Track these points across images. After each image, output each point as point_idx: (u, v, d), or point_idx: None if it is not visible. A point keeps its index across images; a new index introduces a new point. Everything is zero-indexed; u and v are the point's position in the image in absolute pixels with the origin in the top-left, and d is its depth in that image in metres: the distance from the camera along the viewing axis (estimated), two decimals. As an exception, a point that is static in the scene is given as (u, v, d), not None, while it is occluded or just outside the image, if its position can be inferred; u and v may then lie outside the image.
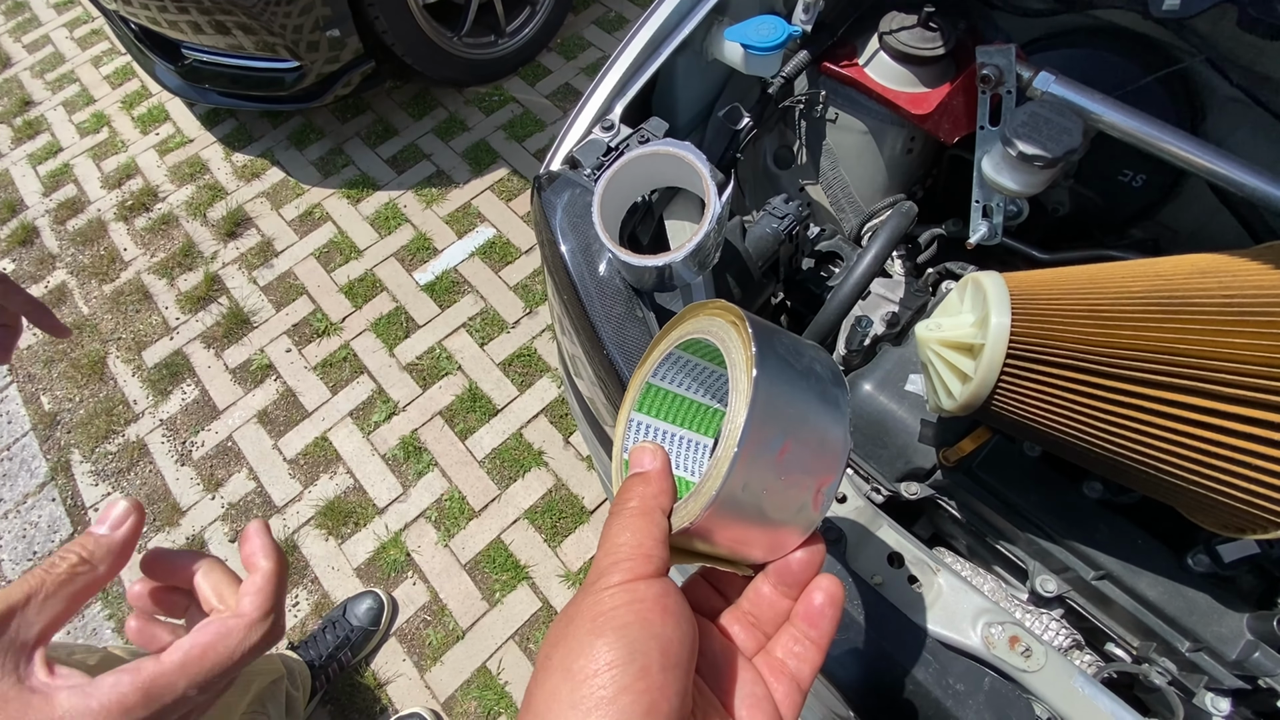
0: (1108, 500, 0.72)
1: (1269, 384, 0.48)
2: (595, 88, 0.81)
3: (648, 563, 0.30)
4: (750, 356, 0.31)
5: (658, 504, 0.33)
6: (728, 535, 0.33)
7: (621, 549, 0.31)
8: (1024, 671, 0.57)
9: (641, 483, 0.34)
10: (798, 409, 0.32)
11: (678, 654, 0.28)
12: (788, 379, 0.32)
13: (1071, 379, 0.53)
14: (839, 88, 0.94)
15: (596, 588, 0.30)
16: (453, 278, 2.11)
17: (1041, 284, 0.56)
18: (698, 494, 0.32)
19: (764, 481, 0.31)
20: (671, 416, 0.42)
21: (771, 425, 0.31)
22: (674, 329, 0.39)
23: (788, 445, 0.32)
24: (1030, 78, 0.73)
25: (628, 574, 0.30)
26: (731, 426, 0.31)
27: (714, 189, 0.61)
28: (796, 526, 0.34)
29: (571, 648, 0.28)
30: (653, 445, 0.36)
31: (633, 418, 0.40)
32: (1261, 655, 0.63)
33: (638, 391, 0.40)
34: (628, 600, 0.29)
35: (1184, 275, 0.53)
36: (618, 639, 0.27)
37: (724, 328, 0.35)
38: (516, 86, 2.51)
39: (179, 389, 2.02)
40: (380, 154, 2.41)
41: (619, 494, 0.34)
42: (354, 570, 1.71)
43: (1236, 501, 0.52)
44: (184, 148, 2.54)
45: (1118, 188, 0.90)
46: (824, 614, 0.34)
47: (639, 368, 0.40)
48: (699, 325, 0.36)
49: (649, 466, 0.35)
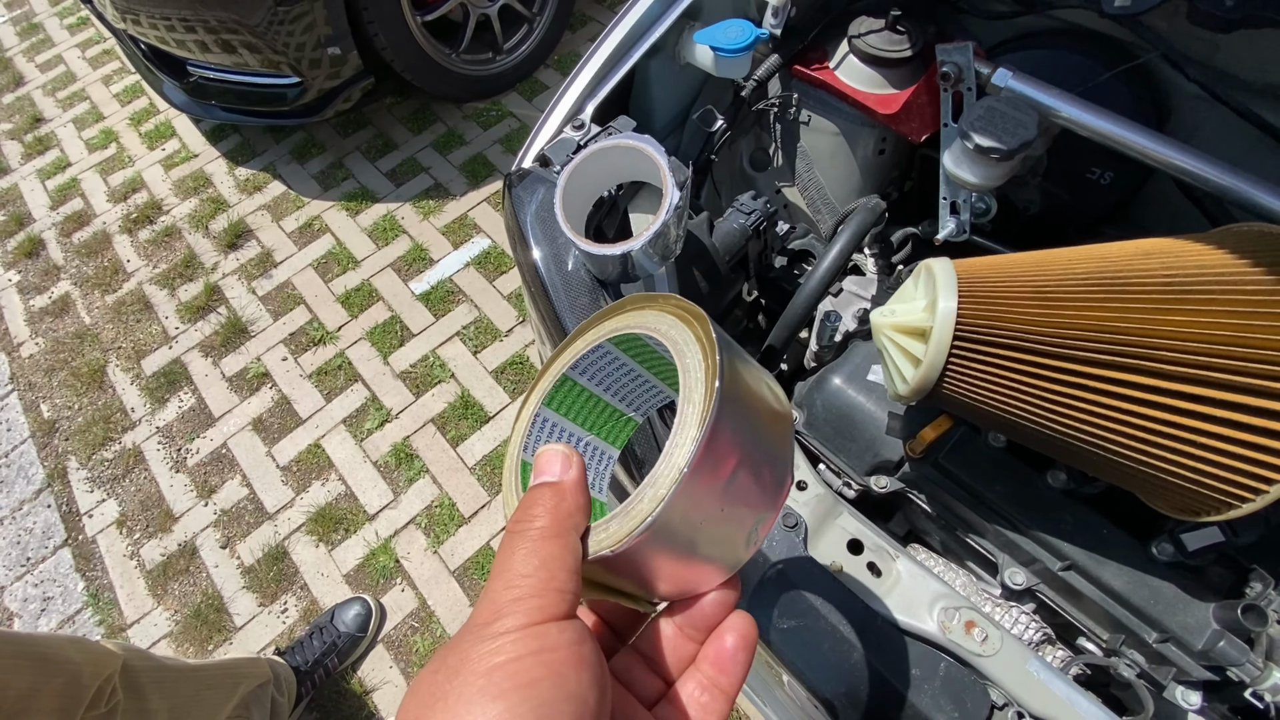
0: (1072, 490, 0.71)
1: (1209, 361, 0.48)
2: (567, 88, 0.83)
3: (559, 600, 0.25)
4: (712, 365, 0.27)
5: (572, 524, 0.27)
6: (647, 568, 0.28)
7: (526, 582, 0.25)
8: (979, 656, 0.57)
9: (554, 495, 0.28)
10: (753, 434, 0.29)
11: (595, 716, 0.23)
12: (747, 398, 0.29)
13: (1018, 359, 0.53)
14: (810, 90, 0.96)
15: (493, 631, 0.24)
16: (448, 287, 2.13)
17: (990, 268, 0.57)
18: (624, 515, 0.27)
19: (706, 510, 0.27)
20: (581, 418, 0.37)
21: (726, 447, 0.27)
22: (608, 318, 0.34)
23: (737, 472, 0.28)
24: (988, 75, 0.74)
25: (535, 614, 0.24)
26: (680, 440, 0.27)
27: (671, 178, 0.62)
28: (722, 564, 0.30)
29: (456, 712, 0.21)
30: (565, 448, 0.30)
31: (539, 413, 0.34)
32: (1227, 645, 0.63)
33: (550, 383, 0.34)
34: (535, 649, 0.23)
35: (1127, 257, 0.54)
36: (522, 701, 0.22)
37: (677, 327, 0.31)
38: (514, 101, 2.56)
39: (176, 397, 2.05)
40: (380, 167, 2.45)
41: (523, 507, 0.28)
42: (343, 576, 1.71)
43: (1184, 480, 0.52)
44: (189, 162, 2.60)
45: (1087, 185, 0.91)
46: (735, 659, 0.29)
47: (554, 357, 0.35)
48: (643, 320, 0.32)
49: (562, 476, 0.29)
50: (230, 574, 1.75)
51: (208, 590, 1.74)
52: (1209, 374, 0.48)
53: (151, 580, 1.78)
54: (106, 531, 1.86)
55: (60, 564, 1.82)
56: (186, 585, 1.76)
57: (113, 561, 1.81)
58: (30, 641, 0.87)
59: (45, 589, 1.79)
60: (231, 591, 1.73)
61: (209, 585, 1.74)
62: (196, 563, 1.78)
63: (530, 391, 0.35)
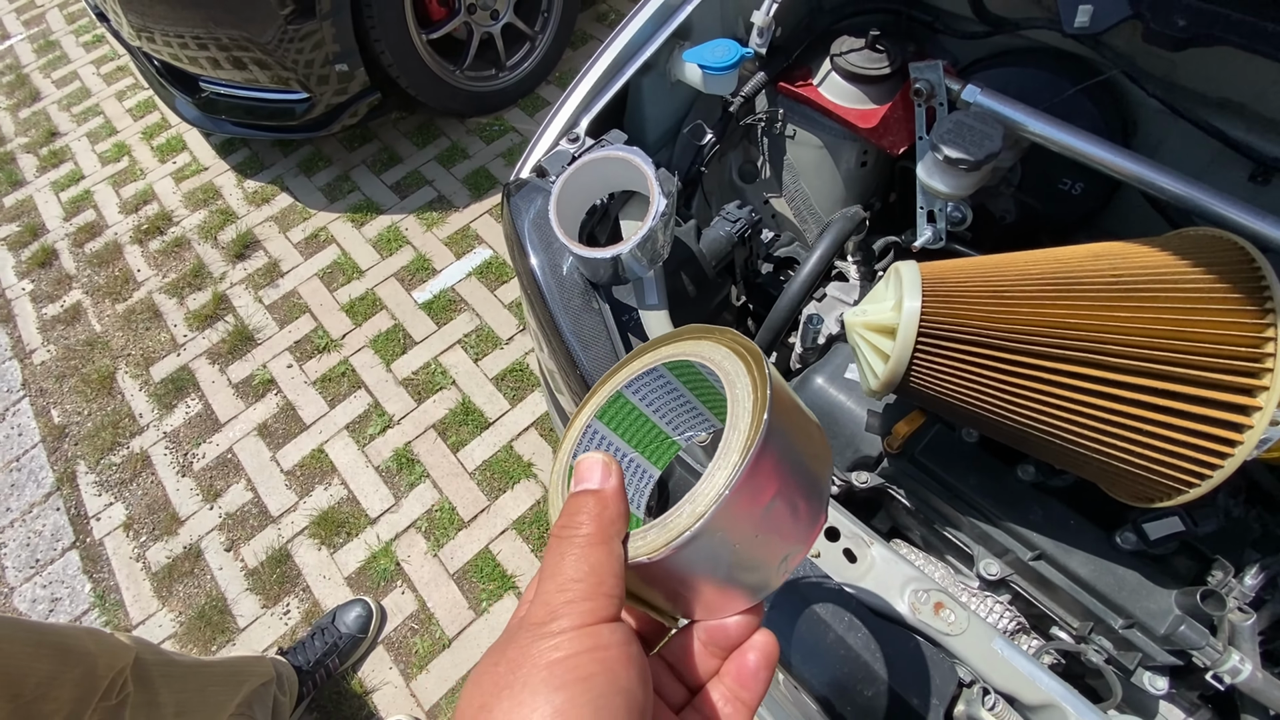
0: (1041, 483, 0.75)
1: (1151, 354, 0.52)
2: (563, 103, 0.88)
3: (609, 603, 0.26)
4: (763, 398, 0.29)
5: (615, 530, 0.29)
6: (679, 582, 0.29)
7: (578, 587, 0.26)
8: (947, 635, 0.60)
9: (597, 503, 0.29)
10: (793, 467, 0.30)
11: (641, 711, 0.25)
12: (791, 432, 0.30)
13: (977, 354, 0.57)
14: (795, 106, 1.01)
15: (549, 630, 0.25)
16: (450, 296, 2.18)
17: (953, 270, 0.61)
18: (662, 527, 0.28)
19: (741, 532, 0.28)
20: (629, 435, 0.38)
21: (767, 474, 0.28)
22: (664, 345, 0.35)
23: (775, 501, 0.29)
24: (959, 90, 0.79)
25: (588, 616, 0.26)
26: (723, 464, 0.28)
27: (657, 186, 0.67)
28: (750, 590, 0.31)
29: (522, 700, 0.23)
30: (605, 456, 0.31)
31: (591, 424, 0.36)
32: (1188, 629, 0.66)
33: (604, 398, 0.36)
34: (590, 647, 0.25)
35: (1079, 259, 0.58)
36: (581, 693, 0.23)
37: (731, 359, 0.32)
38: (516, 117, 2.62)
39: (183, 403, 2.09)
40: (384, 180, 2.51)
41: (567, 511, 0.29)
42: (345, 579, 1.74)
43: (1134, 467, 0.55)
44: (199, 175, 2.66)
45: (1059, 196, 0.95)
46: (757, 676, 0.31)
47: (610, 375, 0.36)
48: (698, 349, 0.33)
49: (603, 485, 0.30)
50: (234, 576, 1.78)
51: (212, 592, 1.77)
52: (1151, 366, 0.52)
53: (157, 582, 1.81)
54: (114, 534, 1.89)
55: (68, 566, 1.86)
56: (191, 587, 1.79)
57: (119, 563, 1.85)
58: (51, 631, 0.91)
59: (53, 590, 1.82)
60: (235, 593, 1.76)
61: (213, 587, 1.77)
62: (201, 565, 1.81)
63: (584, 403, 0.36)
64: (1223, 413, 0.51)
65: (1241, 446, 0.50)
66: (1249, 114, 0.79)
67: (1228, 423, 0.51)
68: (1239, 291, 0.52)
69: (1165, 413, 0.52)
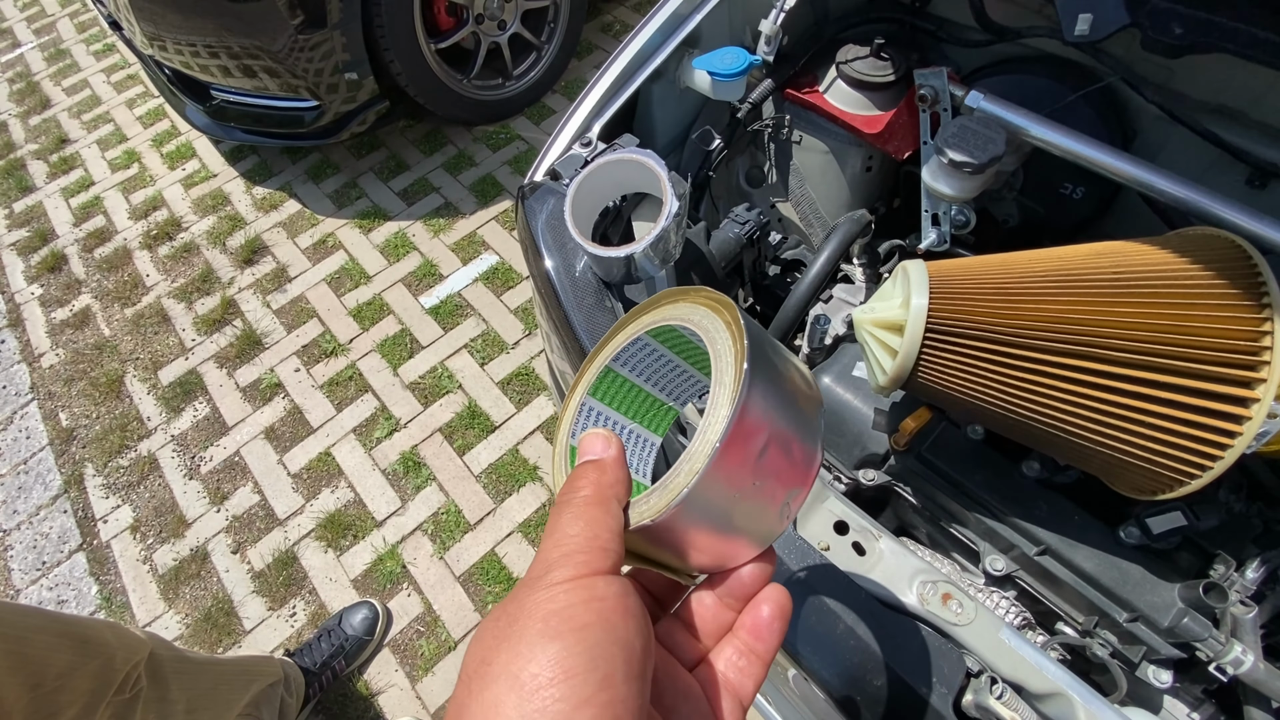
0: (1046, 479, 0.76)
1: (1151, 348, 0.54)
2: (575, 109, 0.90)
3: (604, 556, 0.27)
4: (742, 348, 0.29)
5: (613, 494, 0.29)
6: (686, 539, 0.30)
7: (574, 540, 0.27)
8: (955, 625, 0.61)
9: (596, 470, 0.30)
10: (781, 412, 0.30)
11: (641, 662, 0.25)
12: (774, 379, 0.30)
13: (983, 349, 0.59)
14: (801, 112, 1.03)
15: (546, 582, 0.26)
16: (456, 301, 2.20)
17: (959, 268, 0.63)
18: (663, 489, 0.29)
19: (739, 483, 0.29)
20: (624, 407, 0.39)
21: (756, 423, 0.29)
22: (645, 313, 0.36)
23: (768, 448, 0.29)
24: (962, 96, 0.81)
25: (583, 568, 0.26)
26: (713, 419, 0.29)
27: (670, 188, 0.69)
28: (756, 537, 0.32)
29: (519, 651, 0.24)
30: (605, 432, 0.32)
31: (585, 402, 0.37)
32: (1191, 621, 0.67)
33: (594, 375, 0.36)
34: (585, 598, 0.25)
35: (1082, 257, 0.60)
36: (577, 643, 0.24)
37: (708, 317, 0.32)
38: (522, 125, 2.65)
39: (191, 406, 2.11)
40: (392, 187, 2.54)
41: (569, 481, 0.30)
42: (351, 581, 1.75)
43: (1135, 460, 0.57)
44: (208, 182, 2.69)
45: (1060, 200, 0.97)
46: (771, 627, 0.32)
47: (597, 350, 0.37)
48: (678, 312, 0.34)
49: (603, 454, 0.31)
50: (240, 578, 1.79)
51: (218, 594, 1.78)
52: (1152, 360, 0.53)
53: (163, 584, 1.82)
54: (120, 537, 1.90)
55: (75, 568, 1.86)
56: (197, 589, 1.80)
57: (126, 566, 1.85)
58: (74, 623, 0.92)
59: (60, 592, 1.83)
60: (241, 595, 1.76)
61: (219, 589, 1.78)
62: (208, 567, 1.82)
63: (576, 382, 0.37)
64: (1221, 405, 0.53)
65: (1240, 438, 0.52)
66: (1245, 120, 0.81)
67: (1226, 414, 0.53)
68: (1237, 288, 0.53)
69: (1166, 405, 0.54)
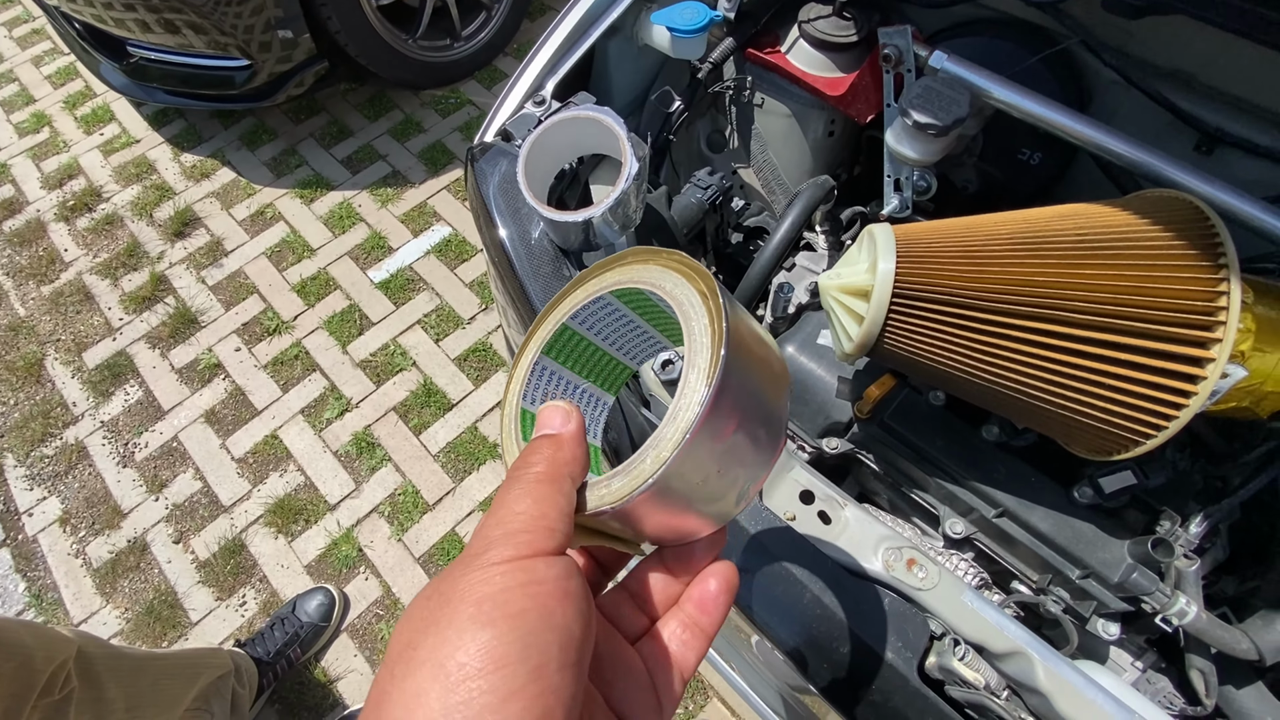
0: (1004, 443, 0.77)
1: (1113, 310, 0.53)
2: (526, 65, 0.85)
3: (549, 537, 0.26)
4: (719, 331, 0.28)
5: (567, 472, 0.28)
6: (642, 522, 0.29)
7: (519, 518, 0.26)
8: (919, 590, 0.62)
9: (552, 445, 0.29)
10: (752, 400, 0.29)
11: (579, 649, 0.24)
12: (749, 366, 0.29)
13: (949, 314, 0.58)
14: (763, 73, 1.00)
15: (483, 562, 0.24)
16: (408, 275, 2.12)
17: (925, 232, 0.62)
18: (626, 474, 0.28)
19: (704, 471, 0.28)
20: (579, 366, 0.37)
21: (728, 413, 0.28)
22: (608, 270, 0.34)
23: (737, 435, 0.29)
24: (926, 57, 0.79)
25: (524, 548, 0.25)
26: (684, 404, 0.27)
27: (630, 148, 0.65)
28: (713, 518, 0.31)
29: (447, 637, 0.22)
30: (566, 405, 0.31)
31: (538, 361, 0.35)
32: (1139, 576, 0.69)
33: (549, 332, 0.34)
34: (523, 581, 0.24)
35: (1046, 219, 0.59)
36: (510, 630, 0.22)
37: (681, 285, 0.31)
38: (473, 90, 2.54)
39: (121, 390, 1.98)
40: (335, 154, 2.41)
41: (523, 455, 0.29)
42: (304, 567, 1.69)
43: (1095, 421, 0.57)
44: (130, 148, 2.50)
45: (1018, 166, 0.98)
46: (718, 601, 0.31)
47: (552, 305, 0.35)
48: (648, 275, 0.32)
49: (561, 429, 0.30)
50: (184, 569, 1.71)
51: (160, 586, 1.69)
52: (1113, 321, 0.53)
53: (99, 578, 1.72)
54: (48, 530, 1.79)
55: (-1, 564, 1.75)
56: (137, 582, 1.71)
57: (56, 561, 1.75)
58: None
59: (-18, 591, 1.72)
60: (186, 586, 1.69)
61: (162, 581, 1.70)
62: (148, 559, 1.73)
63: (528, 340, 0.35)
64: (1178, 365, 0.53)
65: (1195, 398, 0.53)
66: (1197, 84, 0.82)
67: (1182, 374, 0.53)
68: (1195, 249, 0.53)
69: (1125, 367, 0.54)
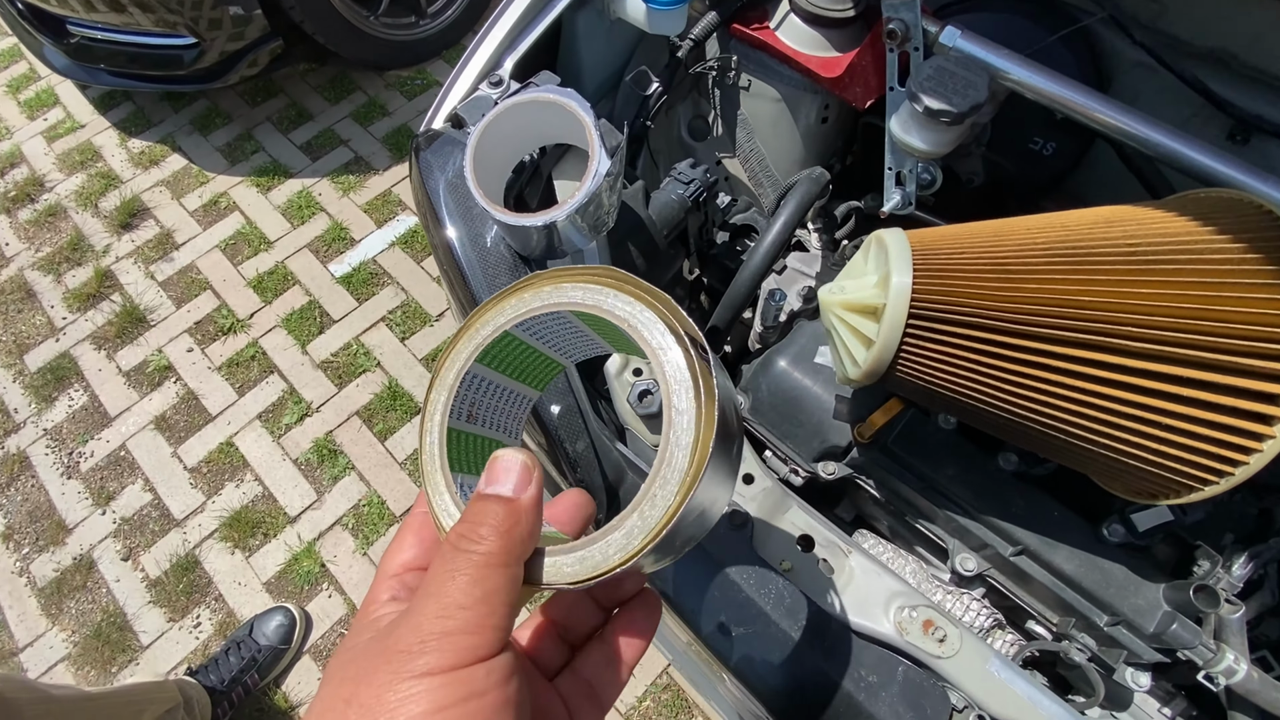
0: (1023, 472, 0.69)
1: (1175, 336, 0.45)
2: (481, 40, 0.74)
3: (495, 639, 0.23)
4: (711, 417, 0.27)
5: (520, 552, 0.25)
6: (624, 577, 0.28)
7: (463, 615, 0.23)
8: (938, 658, 0.53)
9: (508, 516, 0.25)
10: (720, 481, 0.30)
11: None
12: (723, 453, 0.29)
13: (976, 338, 0.49)
14: (750, 52, 0.89)
15: (413, 669, 0.21)
16: (371, 269, 1.99)
17: (945, 239, 0.52)
18: (582, 559, 0.27)
19: (664, 550, 0.28)
20: (513, 371, 0.35)
21: (697, 503, 0.27)
22: (568, 279, 0.31)
23: (700, 516, 0.29)
24: (936, 33, 0.69)
25: (465, 655, 0.22)
26: (656, 499, 0.26)
27: (598, 138, 0.55)
28: (646, 570, 0.31)
29: None
30: (527, 457, 0.28)
31: (471, 370, 0.32)
32: (1179, 627, 0.61)
33: (489, 337, 0.32)
34: (462, 697, 0.21)
35: (1088, 226, 0.50)
36: None
37: (674, 350, 0.28)
38: (441, 70, 2.40)
39: (65, 395, 1.84)
40: (293, 140, 2.26)
41: (470, 519, 0.25)
42: (263, 585, 1.58)
43: (1147, 464, 0.49)
44: (74, 133, 2.34)
45: (1030, 156, 0.89)
46: (643, 632, 0.31)
47: (491, 304, 0.32)
48: (627, 310, 0.29)
49: (518, 494, 0.26)
50: (134, 588, 1.59)
51: (109, 607, 1.58)
52: (1176, 350, 0.45)
53: (44, 598, 1.60)
54: (-14, 548, 1.66)
55: (-70, 587, 1.62)
56: (84, 603, 1.59)
57: (-5, 580, 1.62)
58: None
59: (-88, 616, 1.59)
60: (136, 607, 1.57)
61: (110, 601, 1.58)
62: (95, 577, 1.61)
63: (453, 346, 0.32)
64: (1250, 402, 0.44)
65: (1271, 441, 0.44)
66: (1237, 66, 0.73)
67: (1255, 414, 0.44)
68: (1272, 262, 0.45)
69: (1190, 404, 0.45)
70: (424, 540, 0.30)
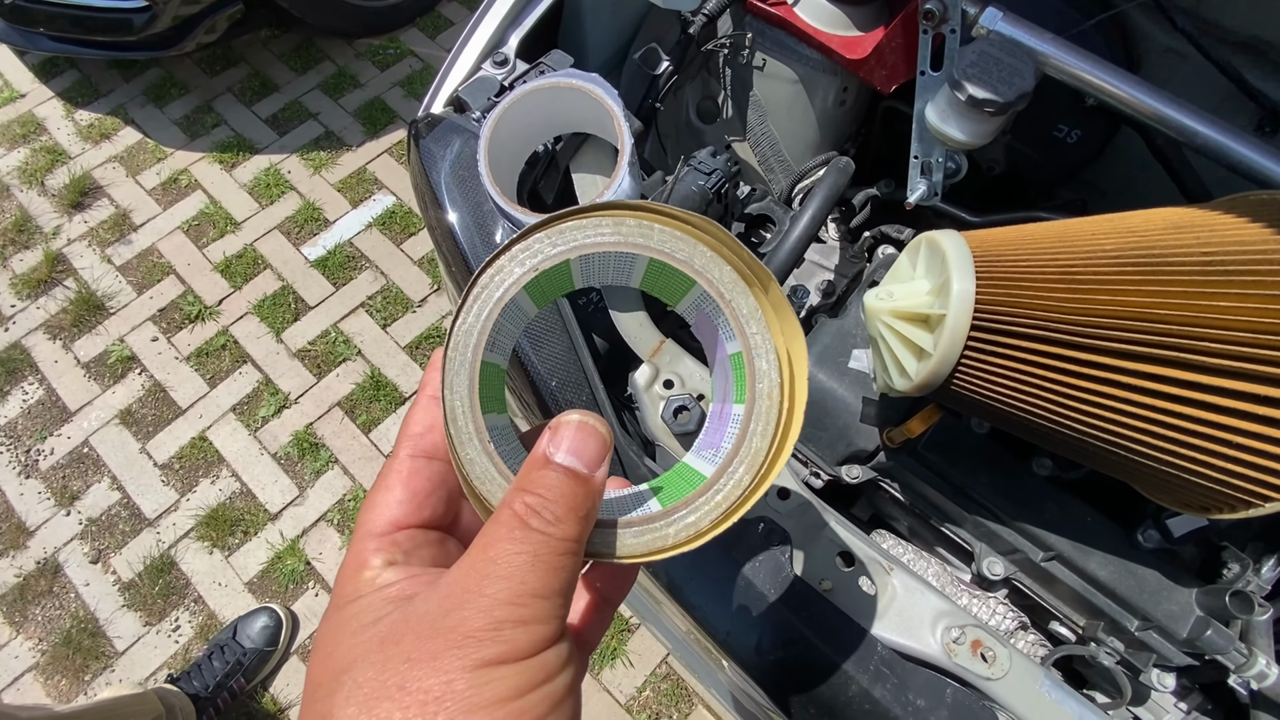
0: (1056, 477, 0.67)
1: (1256, 352, 0.42)
2: (484, 14, 0.67)
3: (562, 625, 0.22)
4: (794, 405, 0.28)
5: (588, 533, 0.24)
6: None
7: (541, 605, 0.22)
8: (988, 680, 0.51)
9: (586, 498, 0.23)
10: None
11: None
12: None
13: (1045, 353, 0.46)
14: (767, 29, 0.84)
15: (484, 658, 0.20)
16: (348, 252, 1.90)
17: (1005, 244, 0.49)
18: (658, 532, 0.26)
19: None
20: (544, 297, 0.31)
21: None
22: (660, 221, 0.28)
23: None
24: (976, 14, 0.65)
25: (539, 643, 0.21)
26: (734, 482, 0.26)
27: (628, 130, 0.50)
28: None
29: None
30: (602, 426, 0.25)
31: (517, 298, 0.28)
32: (1214, 633, 0.60)
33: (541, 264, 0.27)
34: (535, 683, 0.21)
35: (1158, 231, 0.47)
36: None
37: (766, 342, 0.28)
38: (415, 39, 2.27)
39: (19, 389, 1.73)
40: (258, 112, 2.13)
41: (544, 493, 0.23)
42: (245, 585, 1.52)
43: (1214, 482, 0.47)
44: (13, 104, 2.16)
45: (1053, 143, 0.86)
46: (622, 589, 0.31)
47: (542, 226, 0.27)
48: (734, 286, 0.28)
49: (594, 471, 0.24)
50: (105, 592, 1.52)
51: (78, 613, 1.50)
52: (1257, 367, 0.42)
53: (7, 606, 1.52)
54: (-60, 553, 1.56)
55: (-121, 596, 1.52)
56: (51, 609, 1.51)
57: (-48, 587, 1.53)
58: None
59: None
60: (109, 612, 1.50)
61: (79, 607, 1.51)
62: (61, 582, 1.53)
63: (490, 265, 0.27)
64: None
65: (1350, 460, 0.42)
66: (1274, 54, 0.71)
67: (1332, 432, 0.42)
68: (1356, 273, 0.42)
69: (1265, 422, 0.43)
70: (416, 493, 0.27)
